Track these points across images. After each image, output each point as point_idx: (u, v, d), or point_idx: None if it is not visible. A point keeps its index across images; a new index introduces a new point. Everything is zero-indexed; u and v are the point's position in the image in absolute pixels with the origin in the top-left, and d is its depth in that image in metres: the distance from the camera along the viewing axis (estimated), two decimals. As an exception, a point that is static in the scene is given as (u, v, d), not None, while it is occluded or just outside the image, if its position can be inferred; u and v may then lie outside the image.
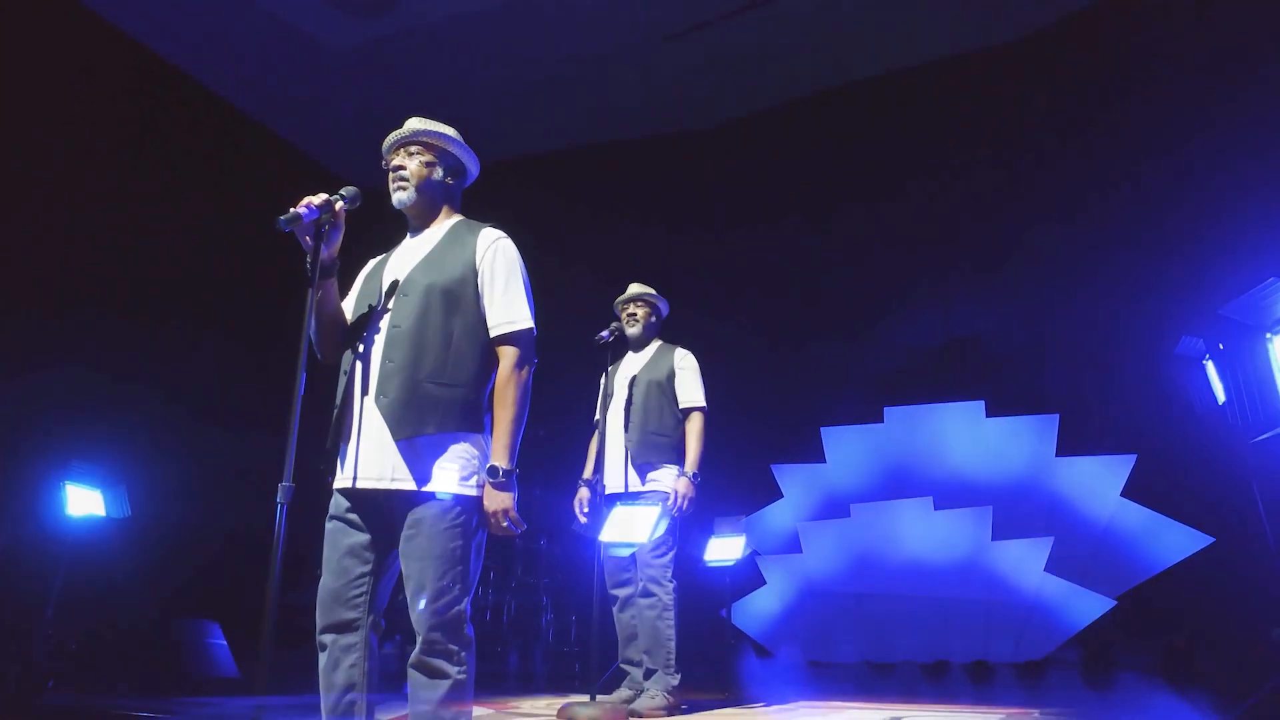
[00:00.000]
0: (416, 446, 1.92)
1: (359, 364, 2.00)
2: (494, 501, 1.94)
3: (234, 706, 3.84)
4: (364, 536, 1.94)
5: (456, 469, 1.94)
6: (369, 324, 2.04)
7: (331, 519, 1.97)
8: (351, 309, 2.15)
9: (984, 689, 5.27)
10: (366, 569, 1.93)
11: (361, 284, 2.20)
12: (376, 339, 2.01)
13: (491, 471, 1.95)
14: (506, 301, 2.05)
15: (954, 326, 6.91)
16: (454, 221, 2.18)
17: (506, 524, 1.95)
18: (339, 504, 1.97)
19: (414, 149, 2.15)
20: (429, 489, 1.91)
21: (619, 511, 3.63)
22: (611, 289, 4.12)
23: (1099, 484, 5.93)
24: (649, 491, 3.68)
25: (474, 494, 1.95)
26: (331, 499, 1.99)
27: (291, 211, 1.88)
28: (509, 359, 2.03)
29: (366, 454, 1.93)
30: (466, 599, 1.90)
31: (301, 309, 1.85)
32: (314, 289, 1.86)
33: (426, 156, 2.14)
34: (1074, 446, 6.09)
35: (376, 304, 2.06)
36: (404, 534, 1.91)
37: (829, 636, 6.28)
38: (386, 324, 2.01)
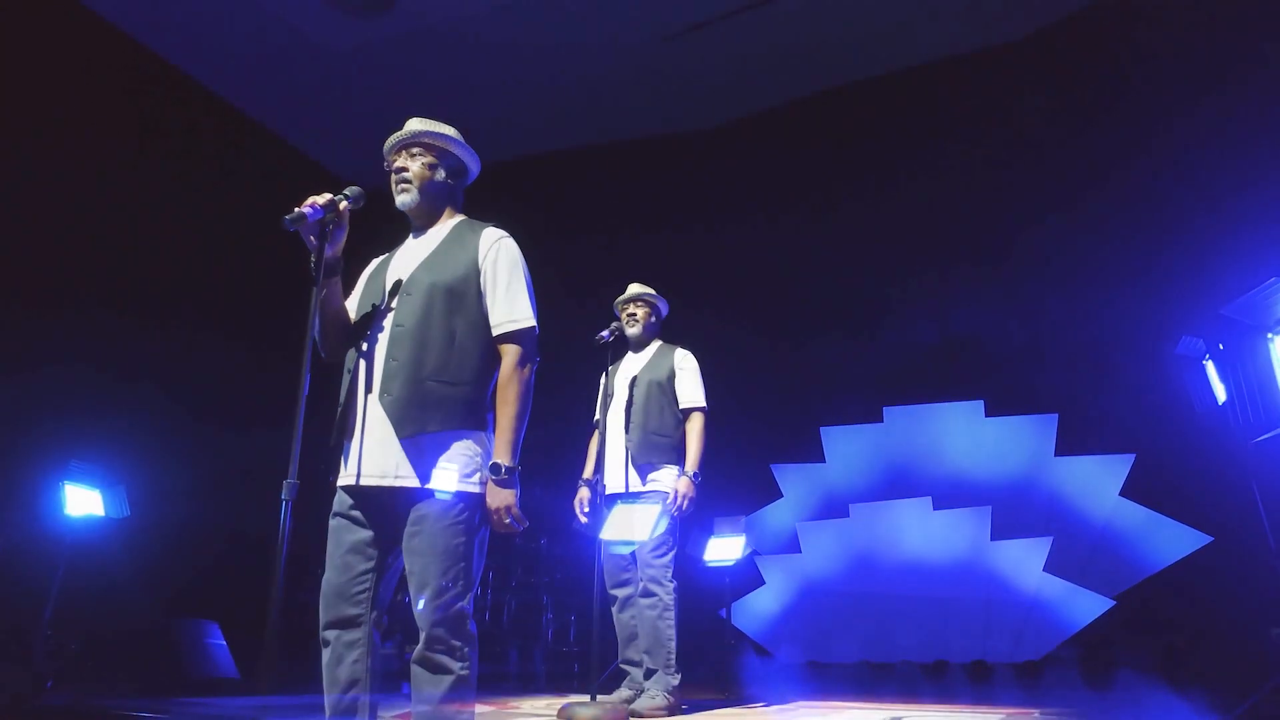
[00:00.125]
0: (420, 444, 1.94)
1: (363, 362, 2.02)
2: (497, 499, 1.95)
3: (233, 707, 3.83)
4: (367, 533, 1.96)
5: (459, 466, 1.95)
6: (373, 323, 2.06)
7: (335, 516, 1.99)
8: (355, 308, 2.16)
9: (983, 689, 5.27)
10: (369, 566, 1.94)
11: (365, 283, 2.21)
12: (380, 337, 2.02)
13: (494, 469, 1.96)
14: (509, 300, 2.07)
15: (953, 326, 6.92)
16: (456, 221, 2.19)
17: (509, 521, 1.96)
18: (342, 501, 1.98)
19: (416, 150, 2.15)
20: (432, 486, 1.92)
21: (619, 510, 3.64)
22: (611, 289, 4.11)
23: (1098, 483, 5.94)
24: (649, 492, 3.69)
25: (477, 491, 1.96)
26: (335, 496, 2.01)
27: (296, 211, 1.89)
28: (511, 357, 2.04)
29: (370, 451, 1.95)
30: (469, 595, 1.91)
31: (302, 308, 1.85)
32: (318, 288, 1.87)
33: (428, 158, 2.15)
34: (1073, 446, 6.11)
35: (380, 303, 2.07)
36: (407, 530, 1.92)
37: (828, 636, 6.28)
38: (390, 323, 2.03)
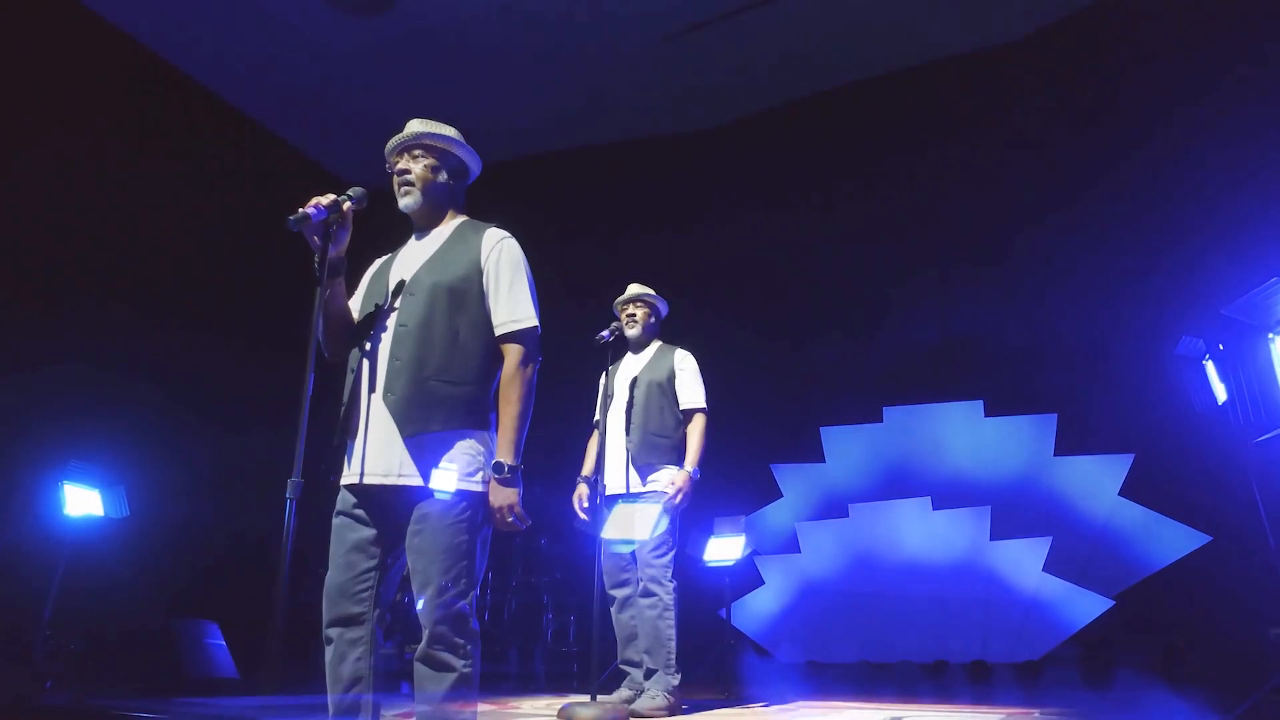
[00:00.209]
0: (423, 443, 1.95)
1: (366, 361, 2.03)
2: (499, 497, 1.97)
3: (233, 707, 3.83)
4: (370, 531, 1.97)
5: (462, 465, 1.96)
6: (376, 322, 2.07)
7: (338, 515, 1.99)
8: (357, 308, 2.17)
9: (983, 689, 5.28)
10: (372, 564, 1.95)
11: (368, 283, 2.22)
12: (384, 337, 2.03)
13: (497, 467, 1.97)
14: (511, 300, 2.08)
15: (953, 326, 6.92)
16: (459, 222, 2.20)
17: (512, 519, 1.97)
18: (345, 500, 1.99)
19: (418, 152, 2.16)
20: (435, 485, 1.93)
21: (620, 509, 3.65)
22: (611, 289, 4.11)
23: (1097, 483, 5.94)
24: (649, 492, 3.69)
25: (479, 490, 1.97)
26: (338, 495, 2.01)
27: (300, 212, 1.90)
28: (514, 356, 2.06)
29: (374, 450, 1.95)
30: (472, 593, 1.93)
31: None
32: (322, 288, 1.88)
33: (430, 159, 2.16)
34: (1072, 446, 6.10)
35: (383, 303, 2.09)
36: (410, 529, 1.93)
37: (828, 636, 6.28)
38: (394, 322, 2.04)
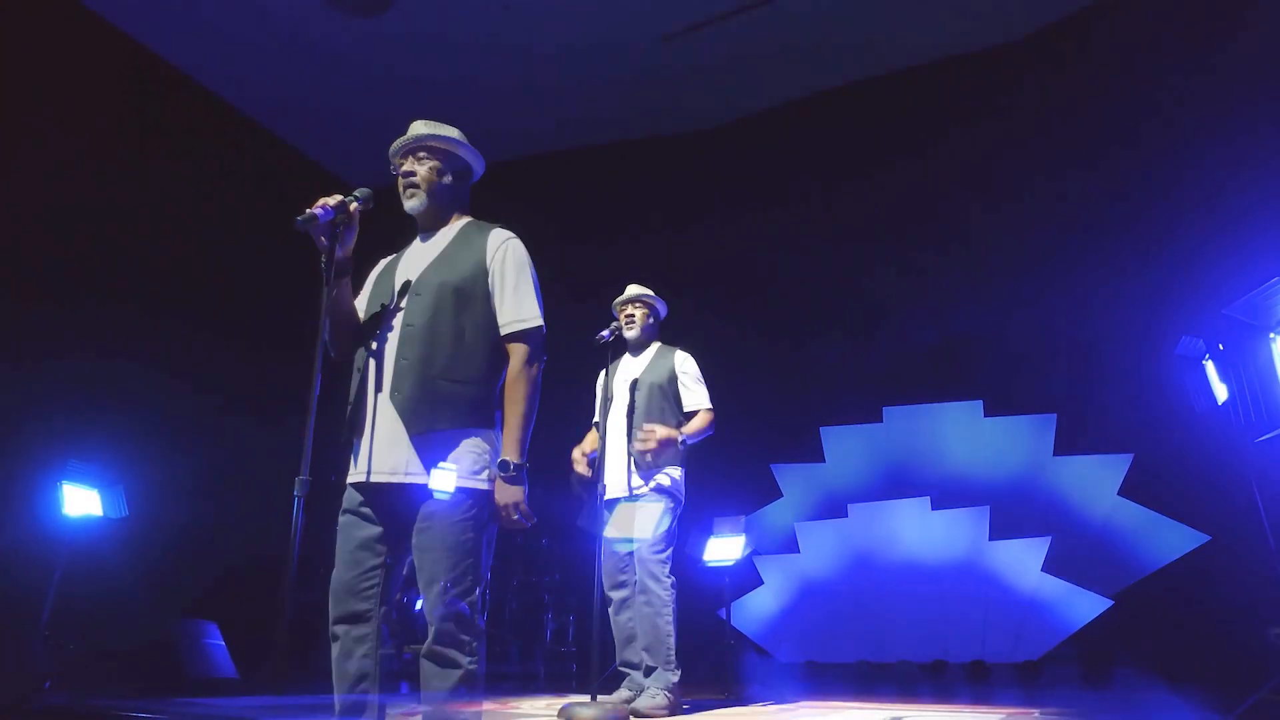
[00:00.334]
0: (430, 441, 1.96)
1: (373, 361, 2.04)
2: (505, 495, 1.98)
3: (233, 707, 3.82)
4: (376, 529, 1.98)
5: (468, 463, 1.97)
6: (382, 322, 2.08)
7: (345, 513, 2.00)
8: (363, 308, 2.17)
9: (982, 688, 5.28)
10: (378, 561, 1.96)
11: (373, 283, 2.23)
12: (390, 337, 2.04)
13: (502, 466, 1.99)
14: (516, 300, 2.09)
15: (952, 326, 6.92)
16: (464, 223, 2.22)
17: (517, 516, 1.99)
18: (352, 498, 2.00)
19: (422, 154, 2.18)
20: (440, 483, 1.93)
21: (621, 509, 3.65)
22: (611, 289, 4.11)
23: (1096, 483, 5.96)
24: (650, 490, 3.69)
25: (485, 488, 1.99)
26: (345, 493, 2.02)
27: (307, 212, 1.91)
28: (519, 356, 2.07)
29: (380, 449, 1.96)
30: (478, 590, 1.94)
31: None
32: (329, 288, 1.89)
33: (434, 161, 2.17)
34: (1071, 446, 6.12)
35: (389, 303, 2.10)
36: (417, 526, 1.94)
37: (827, 636, 6.29)
38: (400, 322, 2.05)
